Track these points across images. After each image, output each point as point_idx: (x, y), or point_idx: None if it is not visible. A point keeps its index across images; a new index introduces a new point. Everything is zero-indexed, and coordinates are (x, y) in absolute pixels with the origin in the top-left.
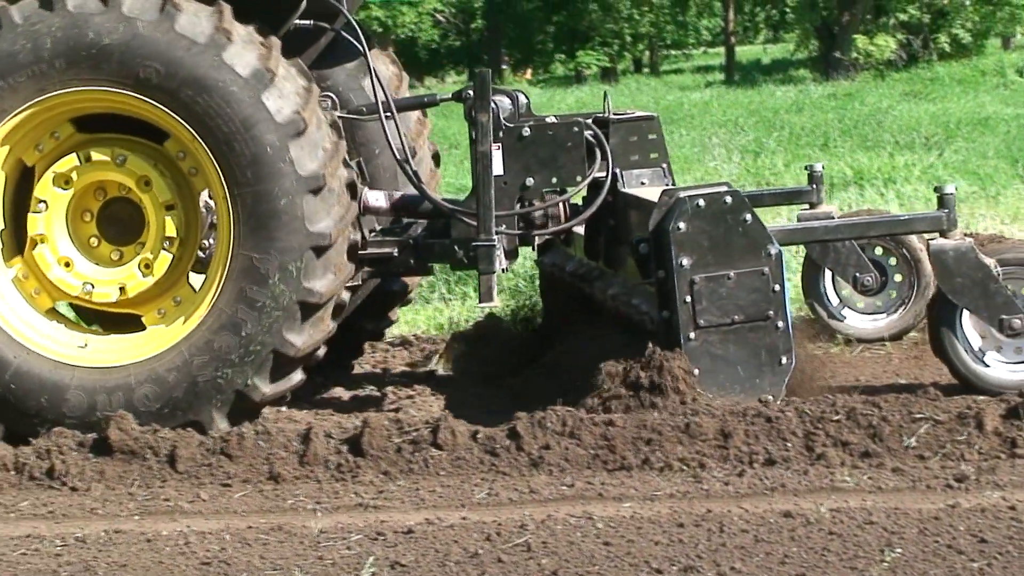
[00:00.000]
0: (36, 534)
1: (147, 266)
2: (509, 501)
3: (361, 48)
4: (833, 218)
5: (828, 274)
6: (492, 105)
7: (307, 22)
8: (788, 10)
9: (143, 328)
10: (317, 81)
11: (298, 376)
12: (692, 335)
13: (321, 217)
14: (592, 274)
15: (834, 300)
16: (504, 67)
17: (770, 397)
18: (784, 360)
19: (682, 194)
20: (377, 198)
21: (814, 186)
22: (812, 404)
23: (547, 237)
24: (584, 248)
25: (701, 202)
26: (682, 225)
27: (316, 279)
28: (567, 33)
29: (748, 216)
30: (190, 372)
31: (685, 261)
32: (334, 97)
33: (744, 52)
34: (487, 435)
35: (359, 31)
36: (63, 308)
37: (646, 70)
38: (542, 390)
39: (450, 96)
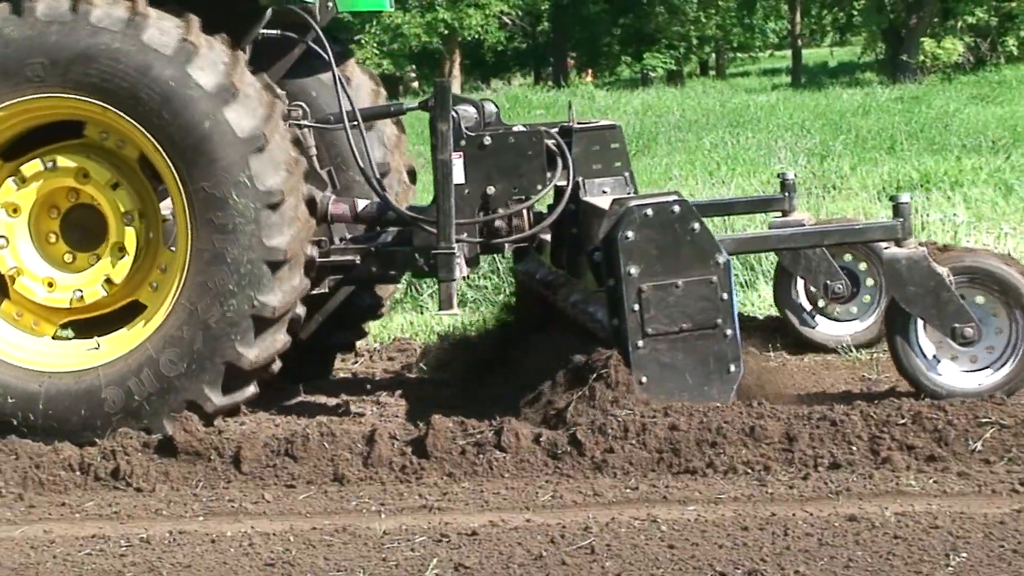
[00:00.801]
0: (101, 534)
1: (120, 248)
2: (573, 504)
3: (327, 58)
4: (803, 226)
5: (800, 281)
6: (453, 114)
7: (275, 32)
8: (855, 13)
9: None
10: (291, 91)
11: (300, 281)
12: (640, 343)
13: (247, 120)
14: (557, 282)
15: (806, 307)
16: (570, 70)
17: (718, 405)
18: (732, 368)
19: (631, 203)
20: (342, 206)
21: (786, 194)
22: (878, 408)
23: (519, 245)
24: (551, 256)
25: (649, 211)
26: (630, 234)
27: (269, 178)
28: (633, 35)
29: (696, 225)
30: (199, 319)
31: (633, 270)
32: (305, 107)
33: (811, 55)
34: (550, 438)
35: (325, 41)
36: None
37: (712, 73)
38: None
39: (416, 105)
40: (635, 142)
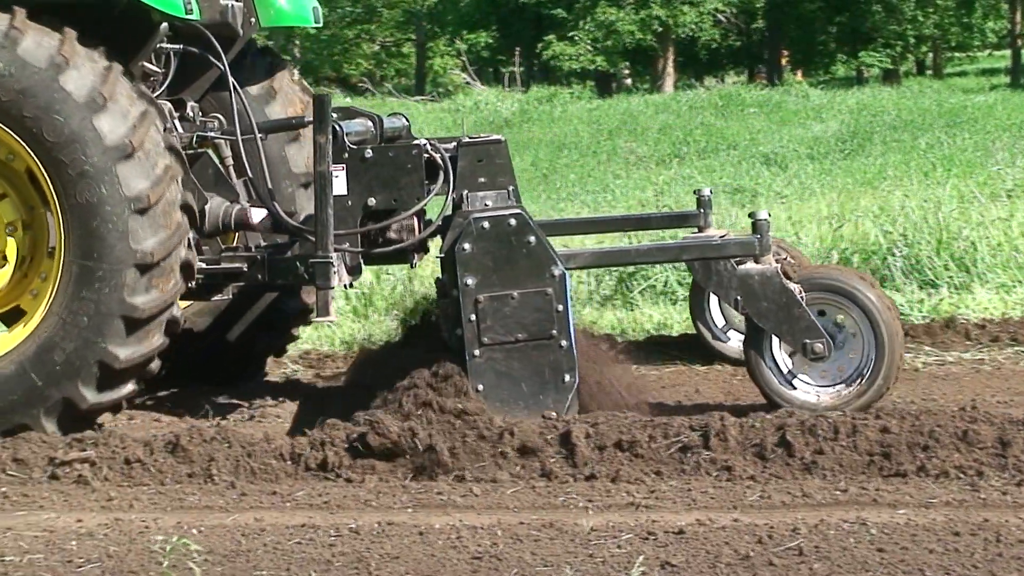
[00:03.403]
0: (311, 524)
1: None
2: (781, 504)
3: (223, 69)
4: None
5: (714, 296)
6: (336, 128)
7: (177, 46)
8: None
9: None
10: (216, 104)
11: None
12: (476, 352)
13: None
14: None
15: (719, 322)
16: (784, 68)
17: (553, 414)
18: (568, 378)
19: (471, 215)
20: (258, 215)
21: (702, 210)
22: None
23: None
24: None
25: (486, 224)
26: (467, 246)
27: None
28: (849, 33)
29: (532, 238)
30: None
31: (470, 280)
32: (221, 119)
33: None
34: (759, 438)
35: (221, 52)
36: None
37: (929, 72)
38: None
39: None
40: (849, 141)
